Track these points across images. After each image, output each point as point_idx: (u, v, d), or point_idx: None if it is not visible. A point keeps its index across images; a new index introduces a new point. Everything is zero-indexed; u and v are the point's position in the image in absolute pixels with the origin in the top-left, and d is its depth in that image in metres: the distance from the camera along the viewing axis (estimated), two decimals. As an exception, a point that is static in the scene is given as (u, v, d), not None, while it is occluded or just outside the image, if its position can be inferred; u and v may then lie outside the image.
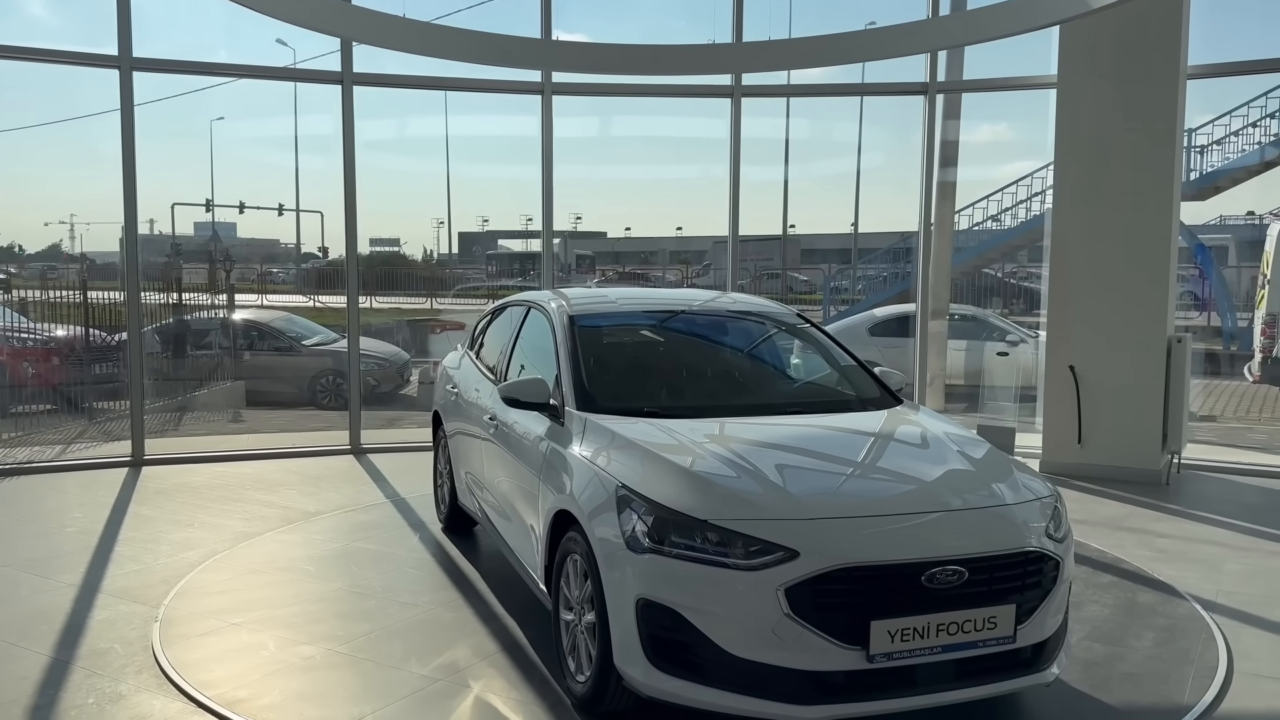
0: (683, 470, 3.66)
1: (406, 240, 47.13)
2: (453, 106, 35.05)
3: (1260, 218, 26.44)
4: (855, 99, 24.51)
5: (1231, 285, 20.88)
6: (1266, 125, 19.17)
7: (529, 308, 5.45)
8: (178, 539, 6.22)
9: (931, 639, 3.33)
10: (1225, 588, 5.39)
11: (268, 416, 12.40)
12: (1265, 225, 18.58)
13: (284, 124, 35.98)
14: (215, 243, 34.07)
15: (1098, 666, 4.32)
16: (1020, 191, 21.91)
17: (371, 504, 7.20)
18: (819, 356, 5.08)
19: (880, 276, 26.66)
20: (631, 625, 3.45)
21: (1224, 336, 18.93)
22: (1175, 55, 7.77)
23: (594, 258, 39.91)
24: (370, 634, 4.67)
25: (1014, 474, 3.92)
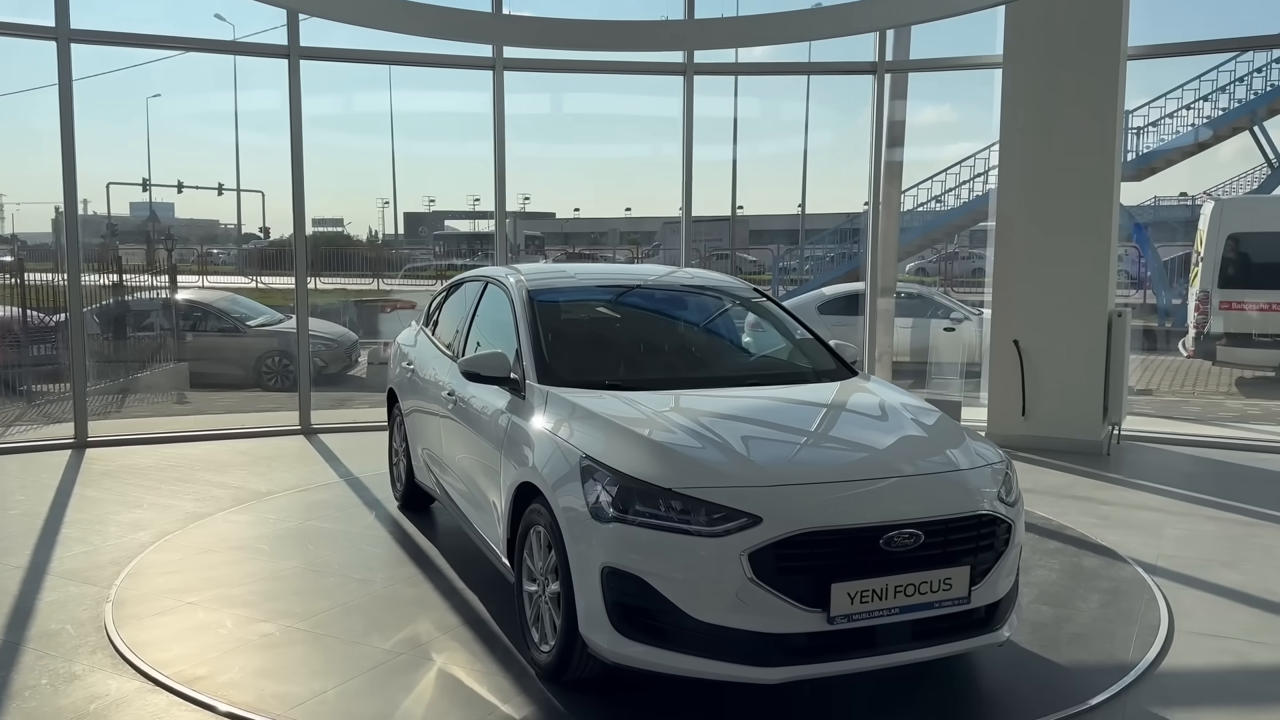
0: (646, 440, 3.69)
1: (351, 221, 46.42)
2: (398, 82, 34.64)
3: (1193, 198, 27.13)
4: (803, 78, 24.59)
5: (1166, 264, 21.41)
6: (1200, 108, 19.69)
7: (486, 283, 5.43)
8: (126, 520, 6.12)
9: (890, 600, 3.41)
10: (1165, 551, 5.58)
11: (213, 398, 12.21)
12: (1198, 205, 19.09)
13: (224, 101, 35.17)
14: (153, 223, 33.32)
15: (1046, 628, 4.46)
16: (964, 172, 22.25)
17: (325, 483, 7.14)
18: (775, 330, 5.14)
19: (828, 257, 26.94)
20: (597, 593, 3.48)
21: (1159, 313, 19.46)
22: (1116, 36, 7.95)
23: (543, 239, 39.70)
24: (330, 610, 4.65)
25: (966, 441, 4.01)
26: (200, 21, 40.61)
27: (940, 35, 30.82)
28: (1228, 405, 12.19)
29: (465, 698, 3.78)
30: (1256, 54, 18.73)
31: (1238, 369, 13.64)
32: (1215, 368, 13.74)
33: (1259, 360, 13.32)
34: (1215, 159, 38.99)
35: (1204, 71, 19.49)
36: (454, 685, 3.88)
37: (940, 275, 26.39)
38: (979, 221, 21.84)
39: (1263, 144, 19.64)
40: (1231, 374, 13.72)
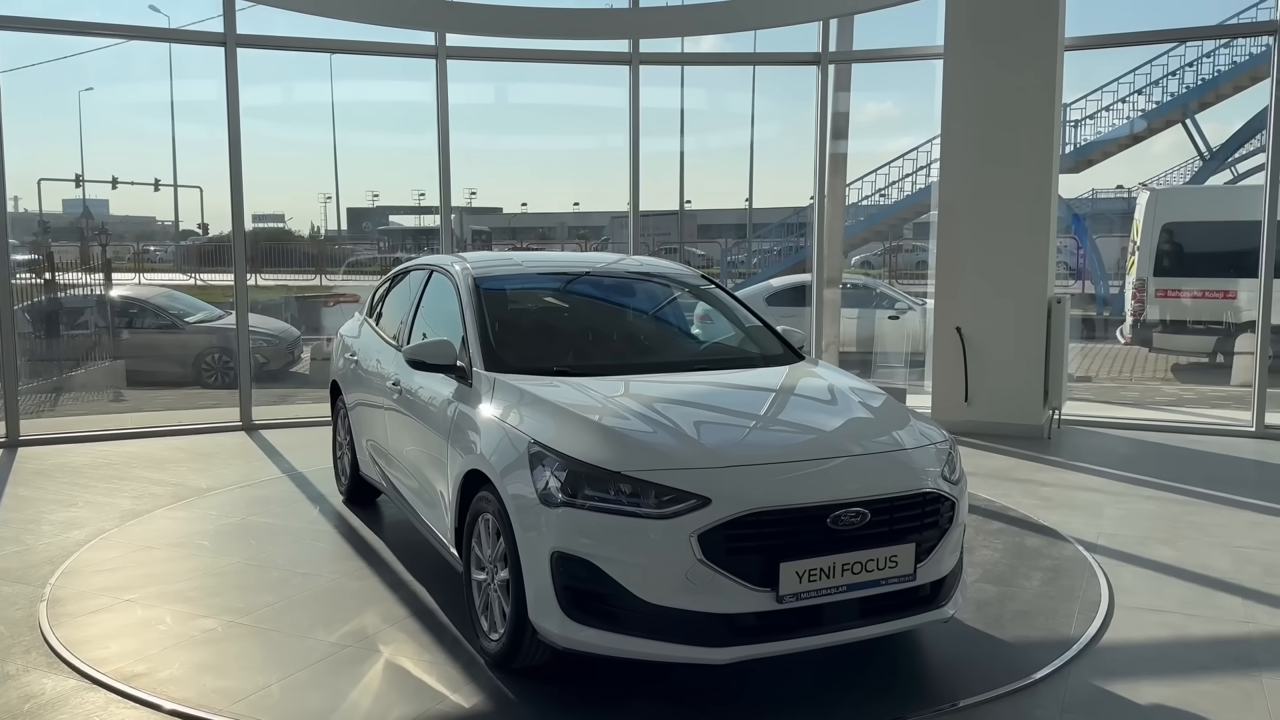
0: (594, 425, 3.67)
1: (292, 216, 45.54)
2: (340, 72, 33.90)
3: (1129, 190, 27.77)
4: (750, 71, 24.63)
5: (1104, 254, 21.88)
6: (1134, 101, 20.14)
7: (431, 271, 5.36)
8: (61, 519, 5.95)
9: (837, 578, 3.43)
10: (1105, 530, 5.69)
11: (152, 396, 11.94)
12: (1135, 197, 19.56)
13: (159, 93, 34.20)
14: (86, 219, 32.48)
15: (990, 605, 4.52)
16: (906, 165, 22.50)
17: (267, 479, 7.01)
18: (724, 316, 5.14)
19: (775, 250, 27.10)
20: (546, 578, 3.46)
21: (1098, 302, 19.89)
22: (1054, 26, 8.09)
23: (490, 233, 39.41)
24: (273, 605, 4.57)
25: (911, 421, 4.05)
26: (134, 12, 39.53)
27: (884, 27, 31.08)
28: (1164, 390, 12.50)
29: (413, 688, 3.73)
30: (1188, 48, 19.21)
31: (1174, 355, 13.98)
32: (1152, 354, 14.07)
33: (1194, 346, 13.67)
34: (1150, 152, 39.95)
35: (1138, 65, 19.95)
36: (402, 676, 3.83)
37: (885, 268, 26.71)
38: (922, 214, 22.16)
39: (1194, 136, 20.16)
40: (1168, 360, 14.06)
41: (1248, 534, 5.64)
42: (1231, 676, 3.82)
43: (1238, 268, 13.31)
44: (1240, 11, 17.37)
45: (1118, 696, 3.67)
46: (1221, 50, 19.24)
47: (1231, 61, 19.15)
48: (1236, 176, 21.16)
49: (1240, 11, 17.37)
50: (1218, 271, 13.41)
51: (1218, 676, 3.83)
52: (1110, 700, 3.64)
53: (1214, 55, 19.08)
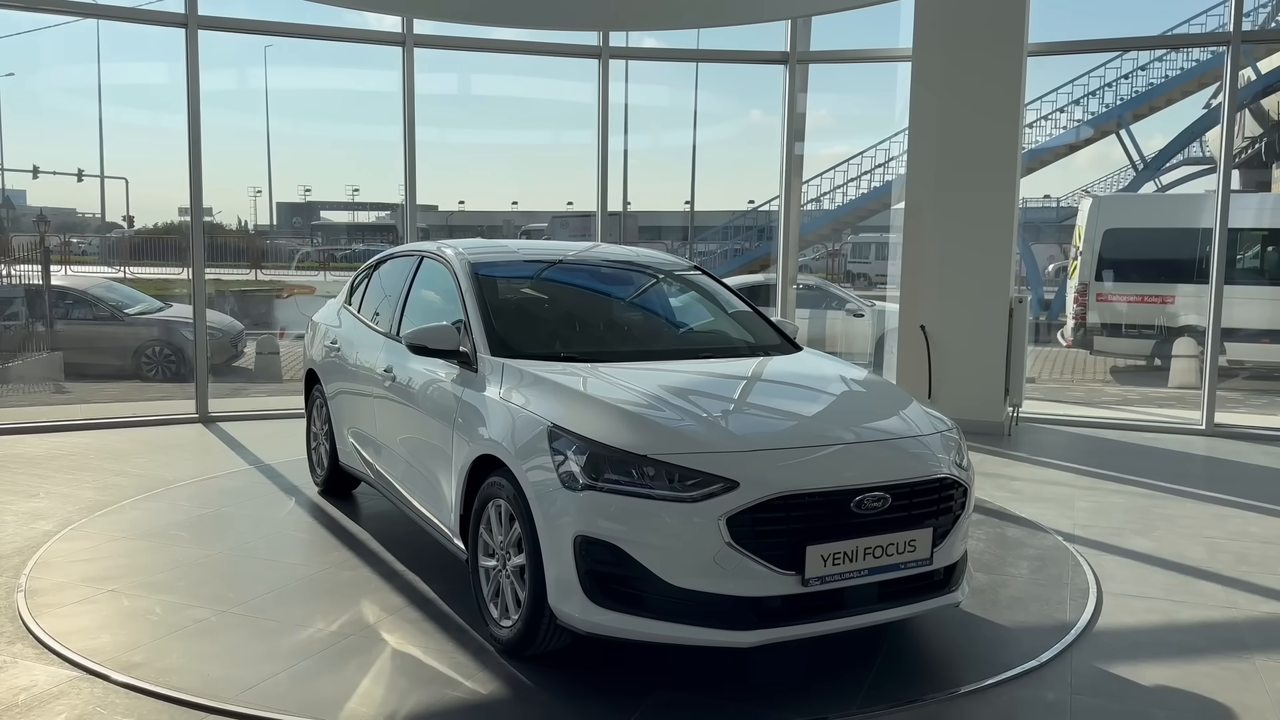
0: (615, 408, 3.65)
1: (220, 210, 44.15)
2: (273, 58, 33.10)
3: (1058, 200, 28.54)
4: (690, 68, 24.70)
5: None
6: (1071, 111, 20.72)
7: (421, 258, 5.27)
8: (24, 510, 5.72)
9: (860, 562, 3.46)
10: (1080, 522, 5.84)
11: (97, 388, 11.54)
12: (1065, 207, 20.14)
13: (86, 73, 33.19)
14: (7, 209, 31.33)
15: (985, 593, 4.60)
16: (852, 170, 22.81)
17: (234, 471, 6.82)
18: (721, 305, 5.16)
19: (719, 251, 27.25)
20: (569, 563, 3.42)
21: (1034, 307, 20.41)
22: (1020, 32, 8.28)
23: (429, 232, 38.90)
24: (264, 595, 4.45)
25: (918, 408, 4.11)
26: (59, -4, 38.00)
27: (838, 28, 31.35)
28: (1107, 391, 12.87)
29: (427, 675, 3.66)
30: (1124, 61, 19.83)
31: (1113, 358, 14.40)
32: (1093, 357, 14.47)
33: (1133, 350, 14.10)
34: (1074, 164, 40.87)
35: (1074, 77, 20.54)
36: (412, 664, 3.76)
37: (826, 271, 27.04)
38: (863, 219, 22.55)
39: (1128, 147, 20.80)
40: (1107, 363, 14.48)
41: (1214, 525, 5.83)
42: (1225, 658, 3.95)
43: (1176, 273, 13.80)
44: (1177, 25, 18.02)
45: (1121, 678, 3.76)
46: (1155, 64, 19.91)
47: (1166, 75, 19.85)
48: (1161, 187, 21.91)
49: (1177, 25, 18.02)
50: (1157, 277, 13.86)
51: (1212, 658, 3.95)
52: (1115, 681, 3.73)
53: (1149, 68, 19.74)
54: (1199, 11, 16.21)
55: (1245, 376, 13.15)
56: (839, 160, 22.88)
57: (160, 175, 21.26)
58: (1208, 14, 16.45)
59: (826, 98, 16.25)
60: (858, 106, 25.83)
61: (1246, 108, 20.78)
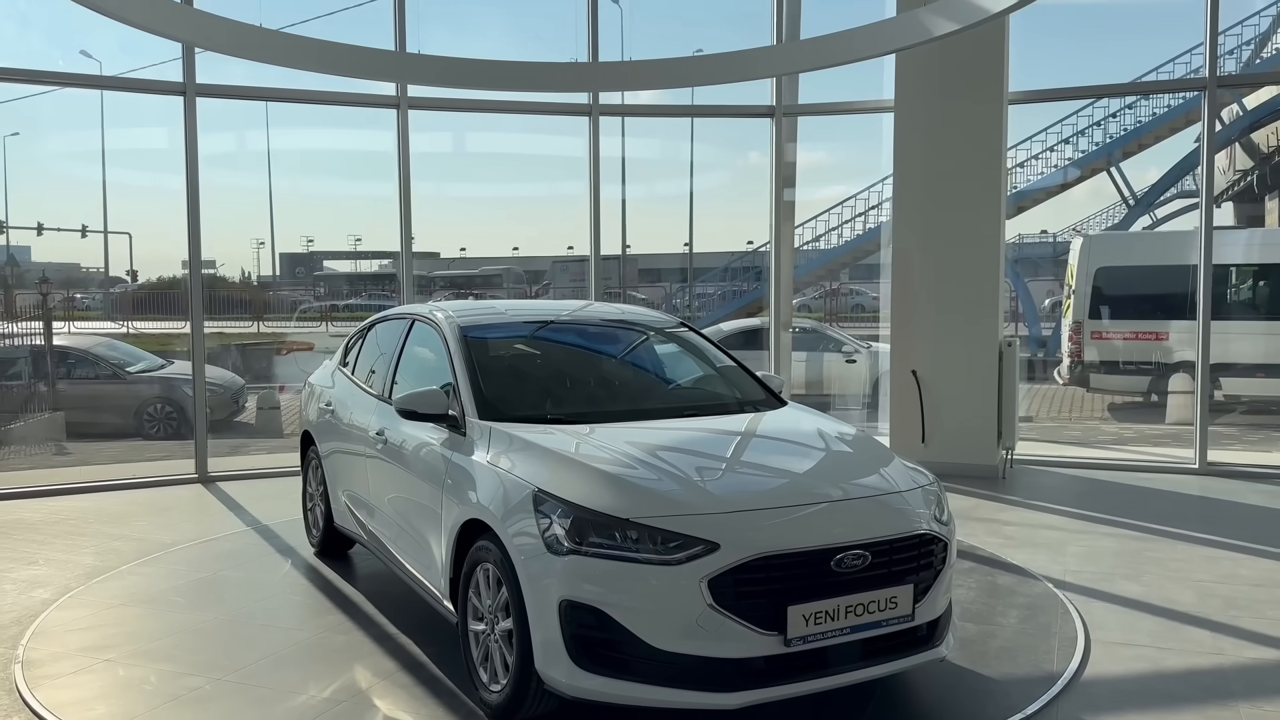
0: (597, 471, 3.72)
1: (223, 262, 44.59)
2: (275, 120, 33.74)
3: (1054, 235, 28.75)
4: (688, 121, 25.09)
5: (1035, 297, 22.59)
6: (1061, 150, 20.97)
7: (411, 321, 5.37)
8: (23, 577, 5.78)
9: (841, 620, 3.51)
10: (1071, 567, 5.87)
11: (98, 448, 11.62)
12: (1062, 242, 20.31)
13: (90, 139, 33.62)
14: (11, 267, 31.63)
15: (973, 644, 4.64)
16: (845, 212, 23.05)
17: (232, 533, 6.88)
18: (706, 362, 5.24)
19: (718, 294, 27.42)
20: (554, 627, 3.47)
21: (1031, 344, 20.49)
22: (1000, 81, 8.44)
23: (432, 279, 39.10)
24: (259, 661, 4.49)
25: (900, 464, 4.17)
26: (72, 59, 38.76)
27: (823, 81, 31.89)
28: (1104, 429, 12.90)
29: (417, 742, 3.70)
30: (1112, 100, 20.10)
31: (1110, 395, 14.45)
32: (1089, 394, 14.52)
33: (1129, 386, 14.16)
34: (1070, 200, 41.28)
35: (1064, 117, 20.81)
36: (403, 730, 3.79)
37: (824, 311, 27.19)
38: (859, 259, 22.69)
39: (1119, 184, 21.02)
40: (1103, 399, 14.52)
41: (1205, 568, 5.86)
42: (1211, 707, 3.97)
43: (1168, 310, 13.90)
44: (1159, 65, 18.28)
45: (1107, 729, 3.79)
46: (1143, 102, 20.18)
47: (1152, 113, 20.10)
48: (1156, 221, 22.09)
49: (1159, 65, 18.28)
50: (1150, 314, 13.95)
51: (1198, 707, 3.97)
52: (1100, 733, 3.76)
53: (1135, 107, 20.00)
54: (1182, 51, 16.45)
55: (1242, 411, 13.19)
56: (837, 201, 23.14)
57: (163, 229, 21.47)
58: (1191, 53, 16.71)
59: (825, 141, 16.48)
60: (855, 149, 26.11)
61: (1237, 142, 21.00)
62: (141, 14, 7.04)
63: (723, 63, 7.69)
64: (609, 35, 26.81)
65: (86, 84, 8.52)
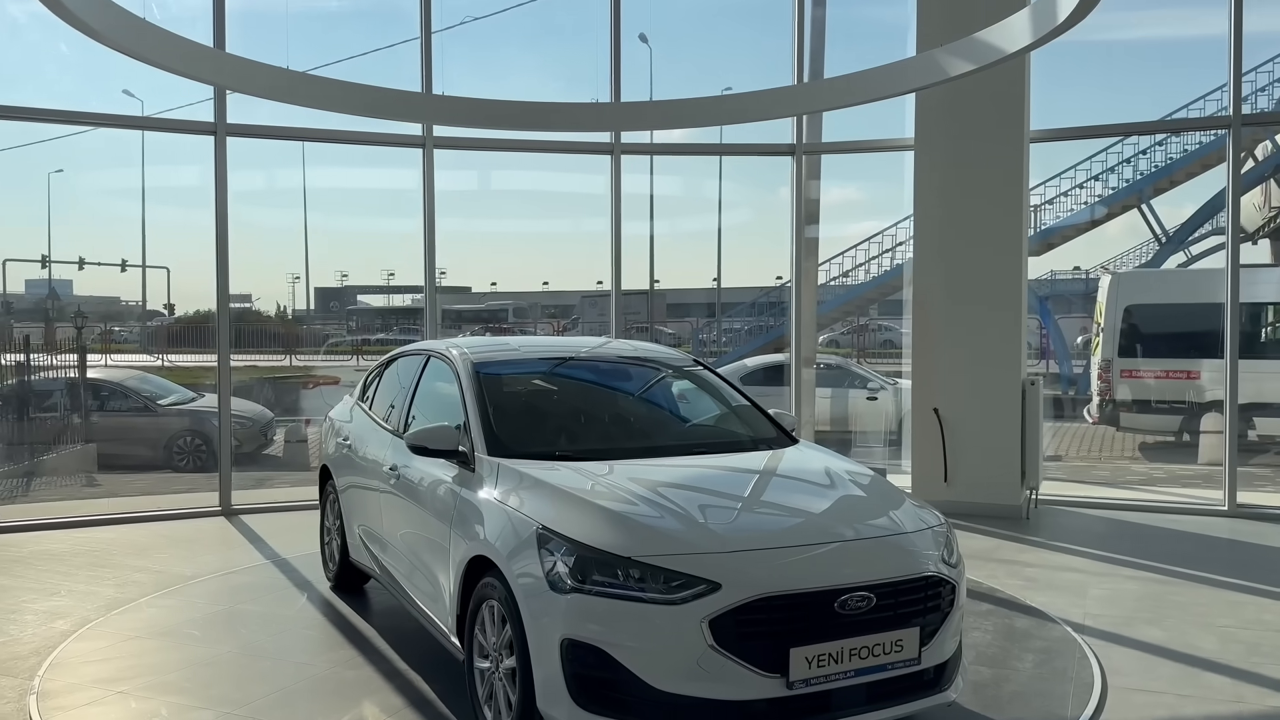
0: (601, 509, 3.73)
1: (259, 296, 45.24)
2: (311, 158, 34.38)
3: (1087, 272, 28.54)
4: (716, 159, 25.31)
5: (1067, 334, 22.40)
6: (1091, 187, 20.86)
7: (427, 357, 5.43)
8: (44, 608, 5.86)
9: (845, 663, 3.48)
10: (1091, 611, 5.78)
11: (127, 480, 11.78)
12: (1094, 279, 20.13)
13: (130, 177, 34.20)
14: (53, 300, 32.29)
15: (987, 688, 4.57)
16: (872, 248, 23.04)
17: (251, 566, 6.94)
18: (718, 399, 5.25)
19: (745, 329, 27.42)
20: (556, 666, 3.47)
21: (1063, 382, 20.27)
22: (1020, 120, 8.44)
23: (461, 313, 39.46)
24: (269, 696, 4.52)
25: (908, 505, 4.15)
26: (109, 97, 39.77)
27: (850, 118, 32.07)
28: (1133, 469, 12.72)
29: (419, 780, 3.69)
30: (1142, 137, 20.00)
31: (1140, 434, 14.25)
32: (1119, 433, 14.33)
33: (1160, 425, 13.95)
34: (1104, 235, 41.03)
35: (1094, 153, 20.73)
36: (406, 768, 3.79)
37: (853, 347, 27.11)
38: (887, 295, 22.61)
39: (1150, 221, 20.85)
40: (1134, 439, 14.32)
41: (1229, 613, 5.75)
42: (1228, 757, 3.89)
43: (1199, 348, 13.71)
44: (1192, 101, 18.18)
45: (1119, 778, 3.72)
46: (1173, 139, 20.06)
47: (1183, 149, 19.97)
48: (1190, 258, 21.86)
49: (1192, 101, 18.18)
50: (1180, 352, 13.77)
51: (1214, 757, 3.89)
52: (1112, 782, 3.69)
53: (1166, 143, 19.87)
54: (1214, 88, 16.37)
55: (1277, 452, 12.94)
56: (868, 236, 23.16)
57: (200, 264, 21.98)
58: (1223, 90, 16.62)
59: (858, 178, 16.53)
60: (889, 185, 26.23)
61: (1271, 178, 20.78)
62: (180, 61, 7.19)
63: (740, 103, 7.77)
64: (639, 74, 27.06)
65: (120, 124, 8.74)
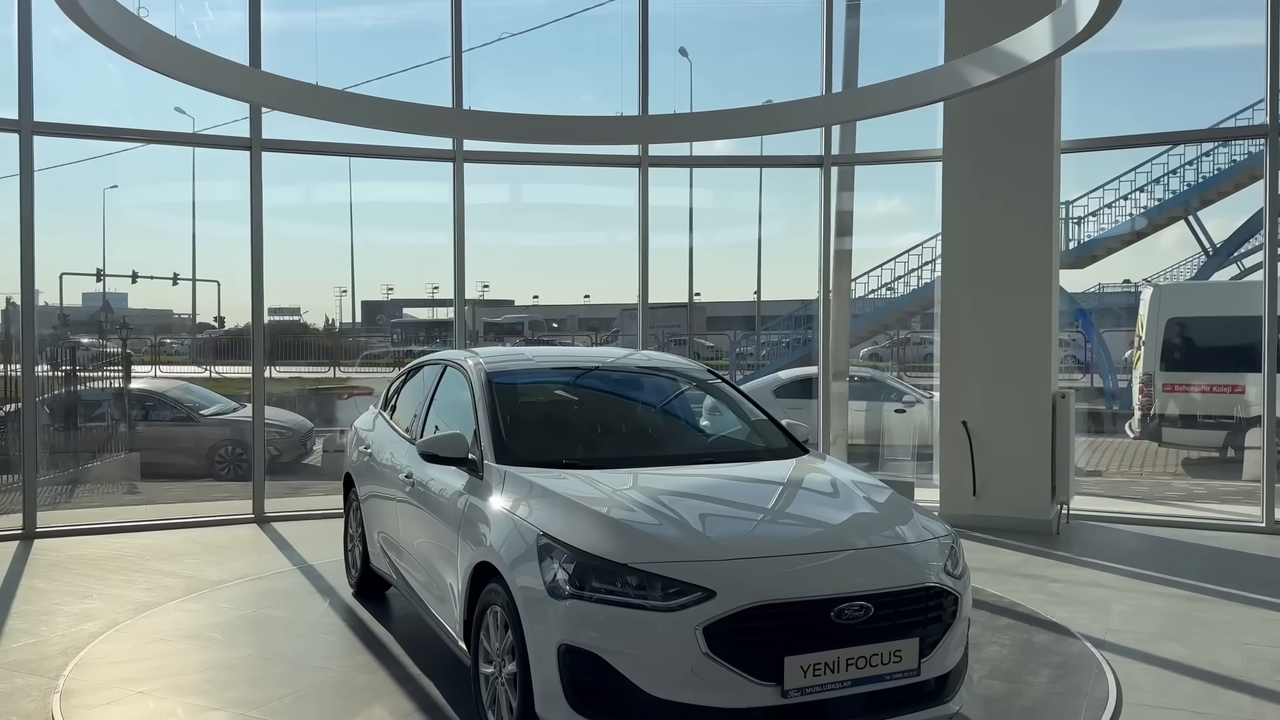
0: (602, 517, 3.76)
1: (308, 309, 45.93)
2: (357, 173, 35.12)
3: (1135, 285, 28.06)
4: (755, 171, 25.29)
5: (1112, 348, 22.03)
6: (1136, 198, 20.53)
7: (445, 366, 5.52)
8: (75, 611, 6.01)
9: (841, 673, 3.47)
10: (1114, 626, 5.69)
11: (166, 488, 12.03)
12: (1139, 292, 19.79)
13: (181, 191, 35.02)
14: (106, 313, 33.10)
15: (998, 702, 4.52)
16: (912, 260, 22.85)
17: (278, 571, 7.06)
18: (729, 409, 5.26)
19: (783, 342, 27.32)
20: (553, 672, 3.50)
21: (1106, 396, 19.92)
22: (1049, 131, 8.36)
23: (506, 325, 39.75)
24: (282, 698, 4.60)
25: (914, 516, 4.13)
26: (162, 113, 40.83)
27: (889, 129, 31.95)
28: (1174, 485, 12.47)
29: (421, 782, 3.74)
30: (1187, 147, 19.65)
31: (1183, 449, 13.96)
32: (1162, 449, 14.06)
33: (1203, 441, 13.66)
34: (1157, 246, 40.32)
35: (1139, 164, 20.40)
36: (409, 770, 3.84)
37: (894, 360, 26.89)
38: (928, 308, 22.39)
39: (1197, 232, 20.46)
40: (1178, 455, 14.04)
41: (1257, 631, 5.63)
42: (1240, 775, 3.81)
43: (1244, 362, 13.39)
44: (1238, 112, 17.83)
45: (1125, 795, 3.66)
46: (1220, 149, 19.68)
47: (1231, 160, 19.58)
48: (1243, 271, 21.39)
49: (1238, 112, 17.83)
50: (1224, 366, 13.47)
51: (1226, 775, 3.82)
52: (1118, 799, 3.63)
53: (1213, 154, 19.50)
54: (1259, 100, 16.05)
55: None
56: (907, 249, 22.99)
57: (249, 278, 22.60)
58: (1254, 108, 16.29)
59: (901, 190, 16.43)
60: (932, 197, 26.11)
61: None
62: (222, 81, 7.40)
63: (763, 115, 7.80)
64: (679, 86, 27.24)
65: (158, 139, 8.97)
